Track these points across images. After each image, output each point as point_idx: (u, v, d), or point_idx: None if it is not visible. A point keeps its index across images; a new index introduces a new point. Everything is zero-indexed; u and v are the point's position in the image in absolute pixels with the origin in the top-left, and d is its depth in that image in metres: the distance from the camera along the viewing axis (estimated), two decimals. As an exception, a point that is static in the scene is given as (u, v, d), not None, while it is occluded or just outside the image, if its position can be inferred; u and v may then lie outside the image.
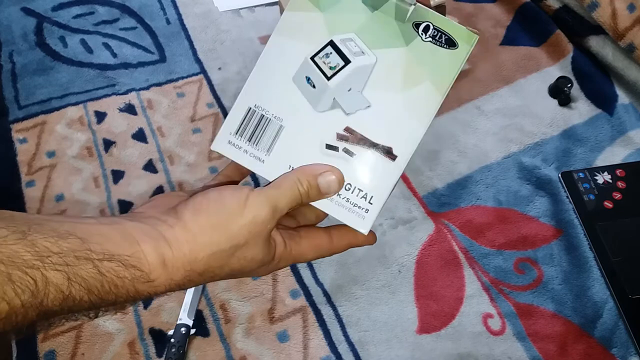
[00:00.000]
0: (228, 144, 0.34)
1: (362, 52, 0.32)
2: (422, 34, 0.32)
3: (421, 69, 0.32)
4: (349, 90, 0.32)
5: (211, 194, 0.30)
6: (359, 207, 0.33)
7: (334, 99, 0.33)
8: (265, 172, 0.33)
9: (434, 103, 0.33)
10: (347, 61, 0.32)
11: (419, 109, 0.33)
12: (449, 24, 0.32)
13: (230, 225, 0.29)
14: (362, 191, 0.32)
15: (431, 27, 0.32)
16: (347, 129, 0.33)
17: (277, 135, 0.33)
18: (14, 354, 0.50)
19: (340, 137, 0.33)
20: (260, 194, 0.30)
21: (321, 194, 0.32)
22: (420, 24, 0.32)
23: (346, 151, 0.33)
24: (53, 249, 0.25)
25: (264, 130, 0.33)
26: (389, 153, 0.33)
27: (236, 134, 0.34)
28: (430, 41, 0.32)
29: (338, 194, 0.33)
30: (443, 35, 0.31)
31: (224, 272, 0.30)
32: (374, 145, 0.33)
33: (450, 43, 0.32)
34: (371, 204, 0.32)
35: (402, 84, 0.32)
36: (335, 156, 0.32)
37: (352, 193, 0.32)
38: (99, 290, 0.26)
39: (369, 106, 0.32)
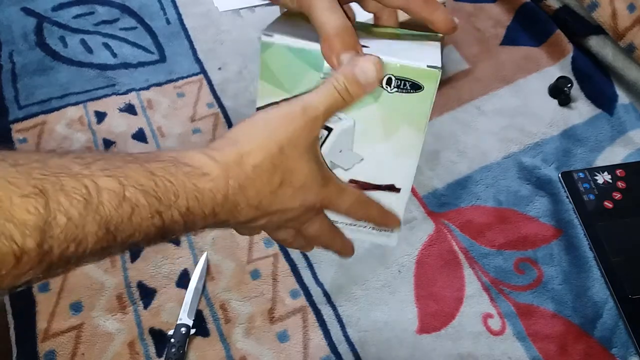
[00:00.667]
0: None
1: (339, 118, 0.34)
2: (386, 87, 0.33)
3: (396, 117, 0.34)
4: (340, 151, 0.36)
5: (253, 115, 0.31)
6: (383, 230, 0.39)
7: (331, 161, 0.36)
8: None
9: (417, 141, 0.35)
10: (329, 129, 0.35)
11: (406, 149, 0.35)
12: (409, 69, 0.33)
13: (267, 125, 0.29)
14: None
15: (393, 78, 0.33)
16: (351, 181, 0.37)
17: None
18: (14, 354, 0.50)
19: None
20: (296, 100, 0.30)
21: (361, 86, 0.31)
22: (383, 79, 0.33)
23: None
24: (97, 157, 0.25)
25: None
26: (392, 189, 0.37)
27: None
28: (396, 91, 0.33)
29: (363, 226, 0.38)
30: (407, 82, 0.33)
31: (281, 169, 0.29)
32: (377, 187, 0.37)
33: (416, 87, 0.33)
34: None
35: (384, 134, 0.35)
36: None
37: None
38: (155, 190, 0.25)
39: (362, 159, 0.36)
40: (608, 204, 0.60)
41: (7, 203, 0.21)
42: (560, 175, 0.62)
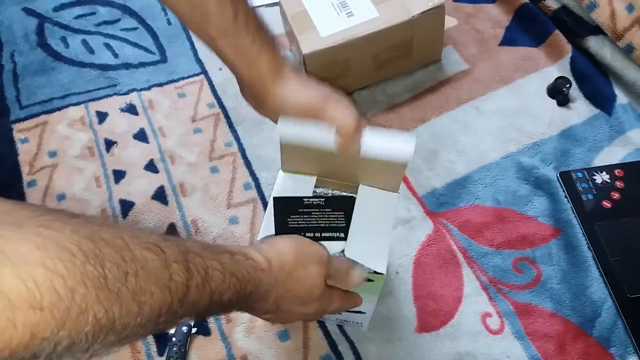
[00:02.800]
0: None
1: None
2: None
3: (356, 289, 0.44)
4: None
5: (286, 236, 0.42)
6: (357, 323, 0.52)
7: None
8: None
9: (373, 300, 0.47)
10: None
11: (367, 298, 0.46)
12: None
13: (303, 248, 0.40)
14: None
15: None
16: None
17: None
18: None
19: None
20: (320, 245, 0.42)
21: (349, 286, 0.43)
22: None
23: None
24: (205, 246, 0.33)
25: None
26: (360, 312, 0.49)
27: None
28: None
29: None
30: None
31: (300, 284, 0.39)
32: (349, 310, 0.47)
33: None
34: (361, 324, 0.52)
35: None
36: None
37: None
38: (238, 276, 0.33)
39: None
40: (606, 204, 0.60)
41: (170, 263, 0.28)
42: (558, 175, 0.63)
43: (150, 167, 0.66)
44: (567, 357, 0.51)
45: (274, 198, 0.44)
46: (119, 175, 0.65)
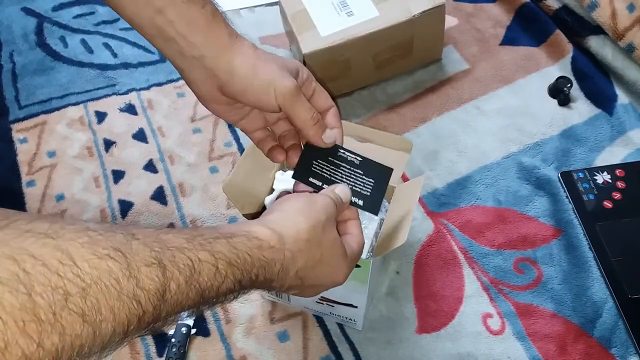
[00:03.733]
0: None
1: None
2: None
3: None
4: None
5: (286, 195, 0.39)
6: (350, 319, 0.52)
7: None
8: None
9: (363, 288, 0.46)
10: None
11: (356, 289, 0.47)
12: None
13: (312, 207, 0.36)
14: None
15: None
16: (322, 298, 0.50)
17: None
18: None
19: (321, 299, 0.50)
20: (325, 192, 0.39)
21: (342, 202, 0.39)
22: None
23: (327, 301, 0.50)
24: (195, 234, 0.30)
25: None
26: (351, 305, 0.49)
27: None
28: None
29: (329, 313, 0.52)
30: None
31: (322, 247, 0.35)
32: (341, 303, 0.50)
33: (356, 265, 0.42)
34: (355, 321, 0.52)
35: None
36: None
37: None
38: (237, 262, 0.30)
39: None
40: (607, 204, 0.60)
41: (137, 270, 0.25)
42: (559, 175, 0.62)
43: (150, 167, 0.65)
44: (568, 358, 0.51)
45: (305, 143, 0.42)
46: (118, 175, 0.65)
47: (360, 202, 0.41)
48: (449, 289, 0.55)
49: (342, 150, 0.42)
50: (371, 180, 0.42)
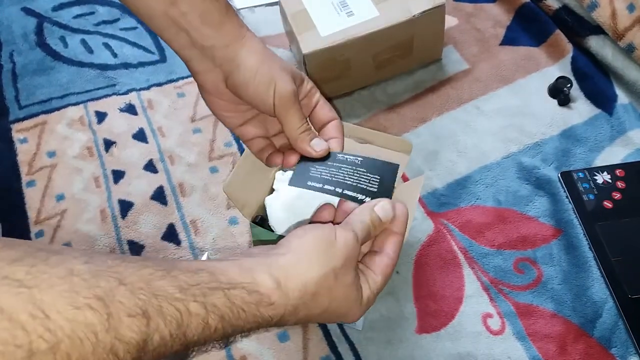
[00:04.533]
0: None
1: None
2: None
3: None
4: None
5: (306, 226, 0.35)
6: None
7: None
8: None
9: None
10: None
11: None
12: None
13: (329, 249, 0.33)
14: None
15: None
16: None
17: None
18: None
19: None
20: (344, 226, 0.35)
21: (382, 222, 0.36)
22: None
23: None
24: (190, 282, 0.28)
25: None
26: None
27: None
28: None
29: None
30: None
31: (331, 296, 0.33)
32: None
33: None
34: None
35: None
36: None
37: None
38: (230, 316, 0.29)
39: None
40: (607, 204, 0.60)
41: (118, 321, 0.24)
42: (559, 175, 0.62)
43: (150, 167, 0.65)
44: (568, 358, 0.51)
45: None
46: (118, 175, 0.65)
47: (368, 199, 0.39)
48: (449, 289, 0.55)
49: (340, 155, 0.41)
50: (377, 176, 0.40)
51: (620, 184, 0.62)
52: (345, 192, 0.38)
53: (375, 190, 0.39)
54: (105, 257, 0.26)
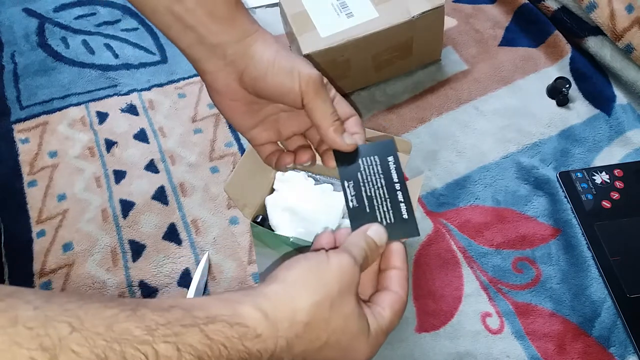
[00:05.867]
0: None
1: None
2: None
3: None
4: None
5: (296, 257, 0.32)
6: None
7: None
8: None
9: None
10: None
11: None
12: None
13: (321, 275, 0.30)
14: None
15: None
16: None
17: None
18: None
19: None
20: (338, 250, 0.32)
21: (377, 245, 0.34)
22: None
23: None
24: (160, 321, 0.25)
25: None
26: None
27: None
28: None
29: None
30: None
31: (329, 328, 0.29)
32: None
33: None
34: None
35: None
36: None
37: None
38: (209, 355, 0.25)
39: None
40: (606, 204, 0.60)
41: None
42: (558, 175, 0.63)
43: (151, 167, 0.66)
44: (566, 357, 0.51)
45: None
46: (119, 175, 0.65)
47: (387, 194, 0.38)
48: (448, 288, 0.56)
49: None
50: (377, 158, 0.39)
51: (618, 184, 0.62)
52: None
53: (384, 176, 0.39)
54: (64, 299, 0.24)
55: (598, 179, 0.62)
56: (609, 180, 0.62)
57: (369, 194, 0.38)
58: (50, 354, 0.21)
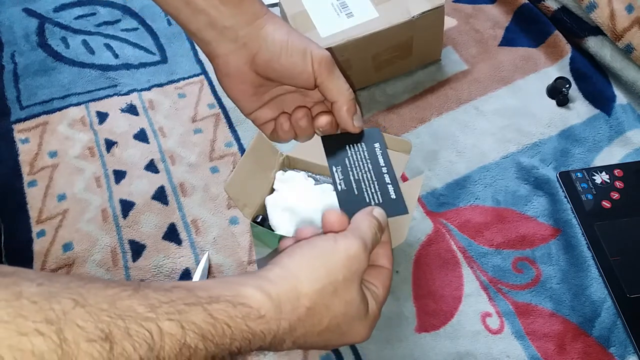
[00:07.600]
0: None
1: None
2: None
3: None
4: None
5: (301, 241, 0.32)
6: None
7: None
8: None
9: None
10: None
11: None
12: None
13: (327, 260, 0.30)
14: None
15: None
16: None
17: None
18: None
19: None
20: (347, 233, 0.32)
21: (382, 227, 0.34)
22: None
23: None
24: (163, 300, 0.25)
25: None
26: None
27: None
28: None
29: None
30: None
31: (330, 313, 0.30)
32: None
33: None
34: None
35: None
36: None
37: None
38: (213, 334, 0.26)
39: None
40: (606, 204, 0.60)
41: (74, 348, 0.21)
42: (558, 175, 0.63)
43: (151, 167, 0.66)
44: (566, 357, 0.51)
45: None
46: (119, 175, 0.65)
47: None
48: (448, 288, 0.56)
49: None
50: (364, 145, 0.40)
51: (618, 184, 0.62)
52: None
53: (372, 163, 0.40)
54: (67, 279, 0.24)
55: (598, 179, 0.62)
56: (609, 180, 0.62)
57: (356, 177, 0.39)
58: (55, 326, 0.21)
